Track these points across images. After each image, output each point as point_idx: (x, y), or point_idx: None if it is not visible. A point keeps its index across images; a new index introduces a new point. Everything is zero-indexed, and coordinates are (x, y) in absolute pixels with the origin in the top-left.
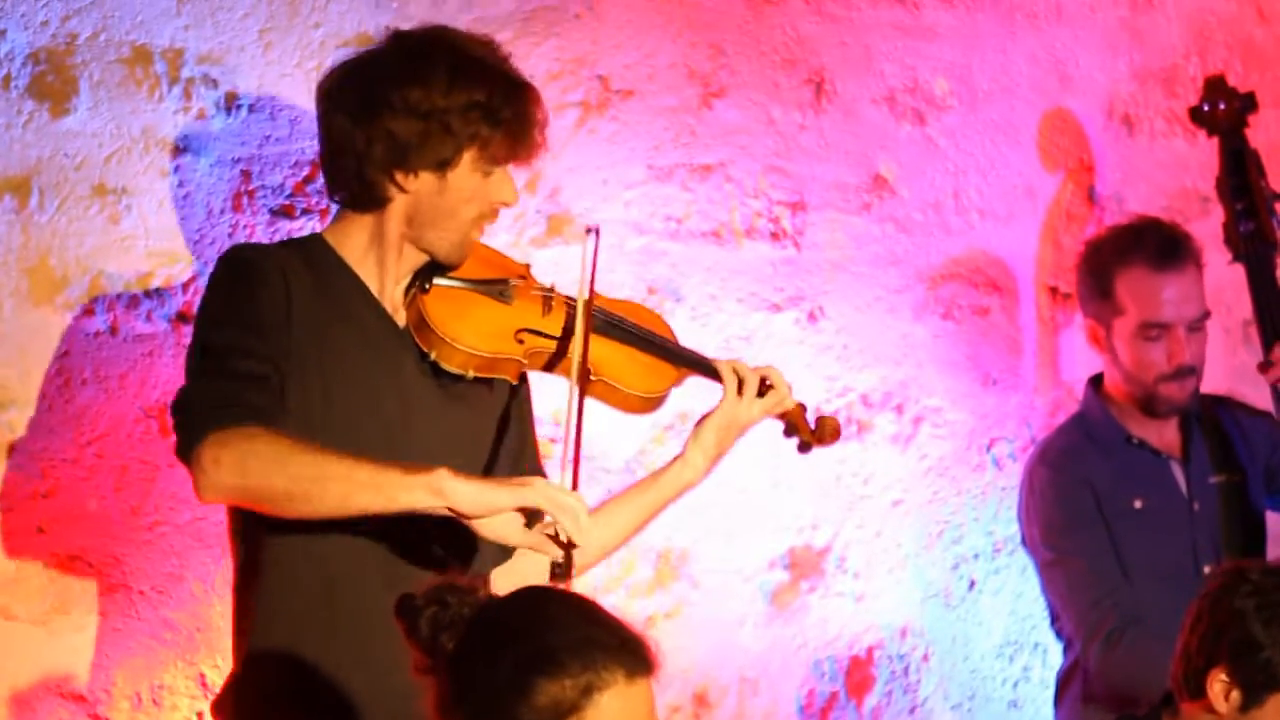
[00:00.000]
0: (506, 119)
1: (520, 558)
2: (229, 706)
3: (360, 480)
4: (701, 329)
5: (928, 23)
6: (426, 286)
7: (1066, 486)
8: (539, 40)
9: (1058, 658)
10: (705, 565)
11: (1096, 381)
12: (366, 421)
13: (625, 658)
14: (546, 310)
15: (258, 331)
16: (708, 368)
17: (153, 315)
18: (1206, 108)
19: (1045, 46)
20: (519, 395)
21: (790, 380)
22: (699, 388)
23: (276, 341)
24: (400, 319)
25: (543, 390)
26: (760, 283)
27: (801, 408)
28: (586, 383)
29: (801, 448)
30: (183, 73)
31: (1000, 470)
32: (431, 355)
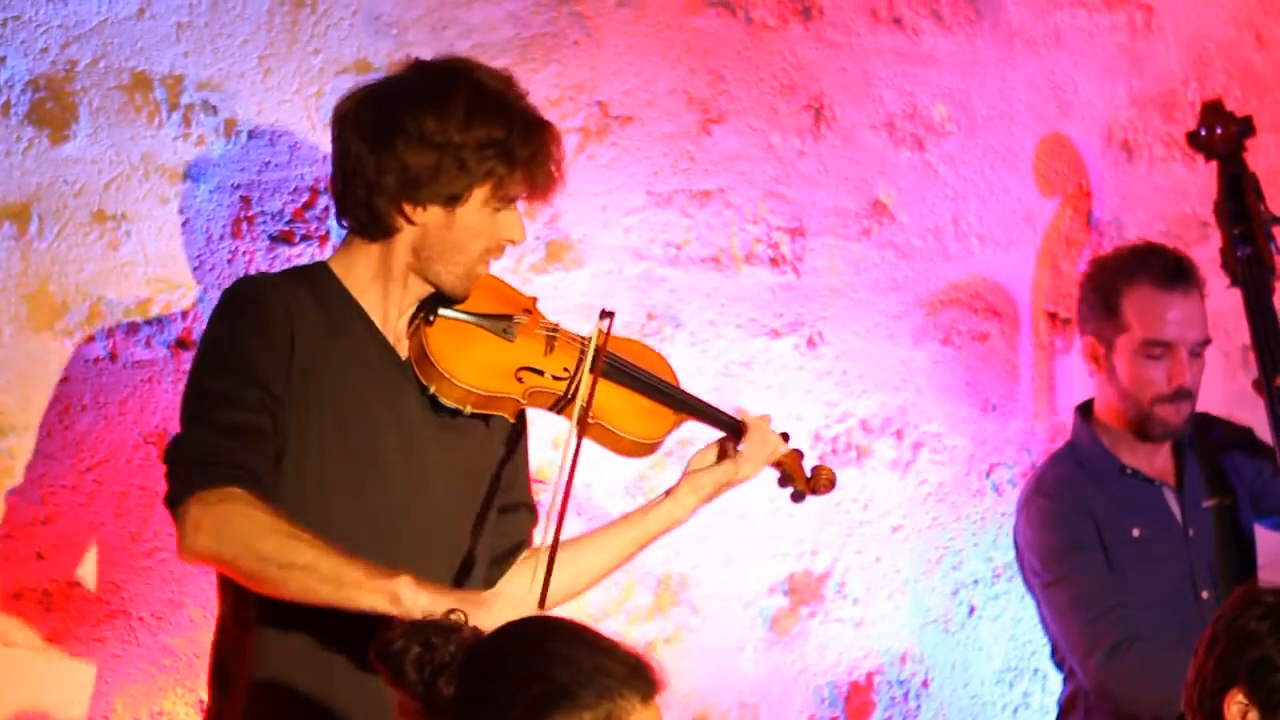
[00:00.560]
0: (522, 158)
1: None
2: None
3: (322, 575)
4: (701, 355)
5: (927, 49)
6: (430, 318)
7: (1066, 514)
8: (538, 67)
9: (1058, 684)
10: (705, 591)
11: (1085, 409)
12: (365, 454)
13: (638, 683)
14: (549, 349)
15: (253, 378)
16: (709, 414)
17: (152, 341)
18: (1204, 132)
19: (1044, 72)
20: (517, 430)
21: (790, 407)
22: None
23: (273, 386)
24: (403, 350)
25: (543, 417)
26: (760, 308)
27: (798, 456)
28: (586, 427)
29: (795, 497)
30: (182, 99)
31: (1000, 496)
32: (430, 389)
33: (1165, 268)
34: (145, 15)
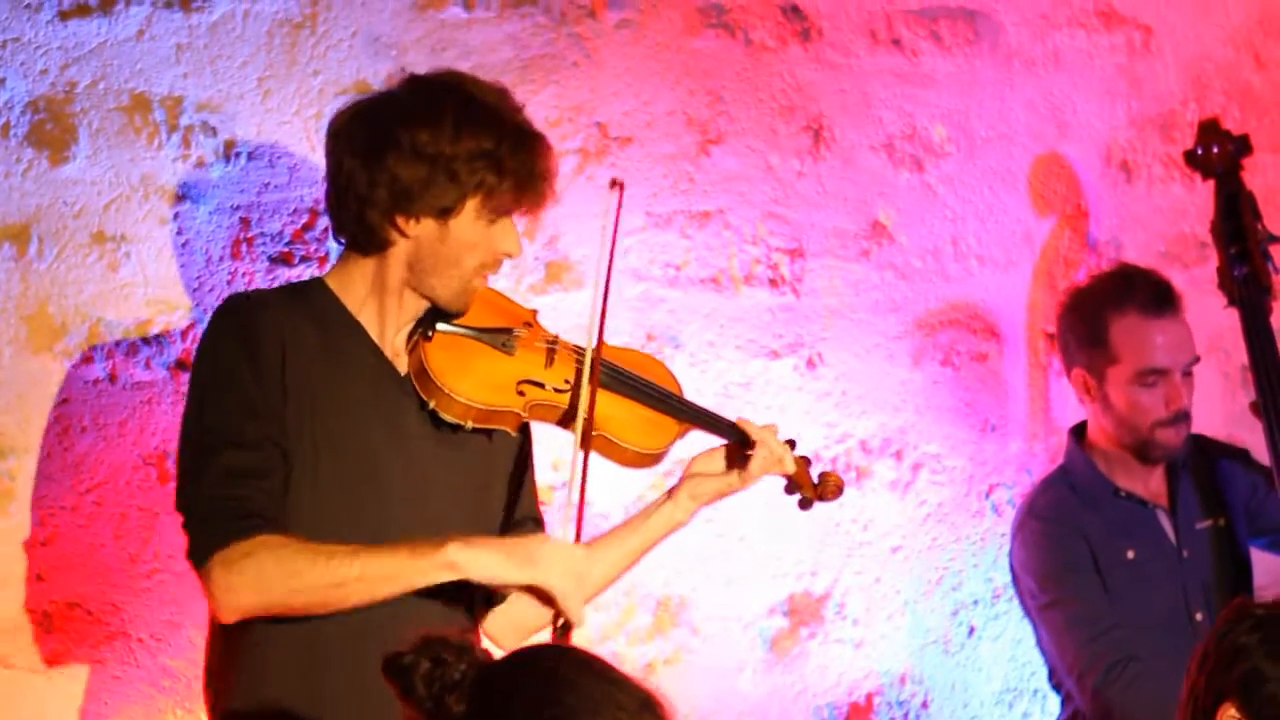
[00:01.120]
0: (513, 169)
1: (512, 603)
2: None
3: (376, 577)
4: (700, 376)
5: (926, 70)
6: (429, 333)
7: (1060, 536)
8: (537, 88)
9: (1057, 706)
10: (704, 612)
11: (1079, 432)
12: (363, 471)
13: (649, 714)
14: (550, 362)
15: (251, 409)
16: (714, 423)
17: (152, 363)
18: (1201, 151)
19: (1043, 93)
20: (520, 444)
21: (789, 427)
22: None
23: (272, 412)
24: (401, 365)
25: (542, 436)
26: (759, 329)
27: (805, 463)
28: (590, 438)
29: (803, 504)
30: (182, 121)
31: (999, 516)
32: (430, 404)
33: (1150, 295)
34: (145, 37)
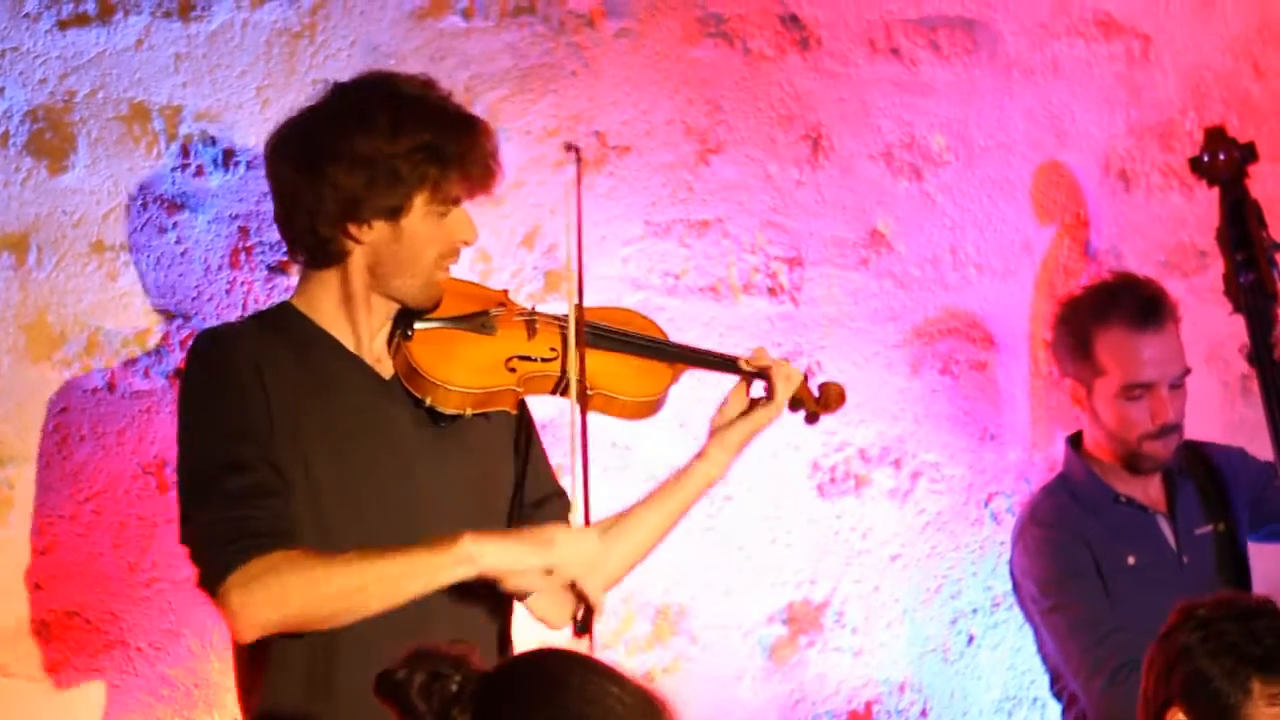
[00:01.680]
0: (454, 157)
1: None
2: None
3: (397, 575)
4: (699, 384)
5: (924, 79)
6: (409, 333)
7: (1063, 543)
8: (536, 97)
9: (1057, 714)
10: (704, 620)
11: (1076, 440)
12: (365, 484)
13: (651, 715)
14: (532, 334)
15: (244, 433)
16: (709, 359)
17: (150, 372)
18: (1206, 158)
19: (1042, 102)
20: (520, 422)
21: (788, 435)
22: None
23: (264, 438)
24: (384, 370)
25: (538, 406)
26: (758, 338)
27: (805, 378)
28: (586, 401)
29: (809, 419)
30: (180, 130)
31: (998, 525)
32: (427, 401)
33: (1137, 307)
34: (143, 46)
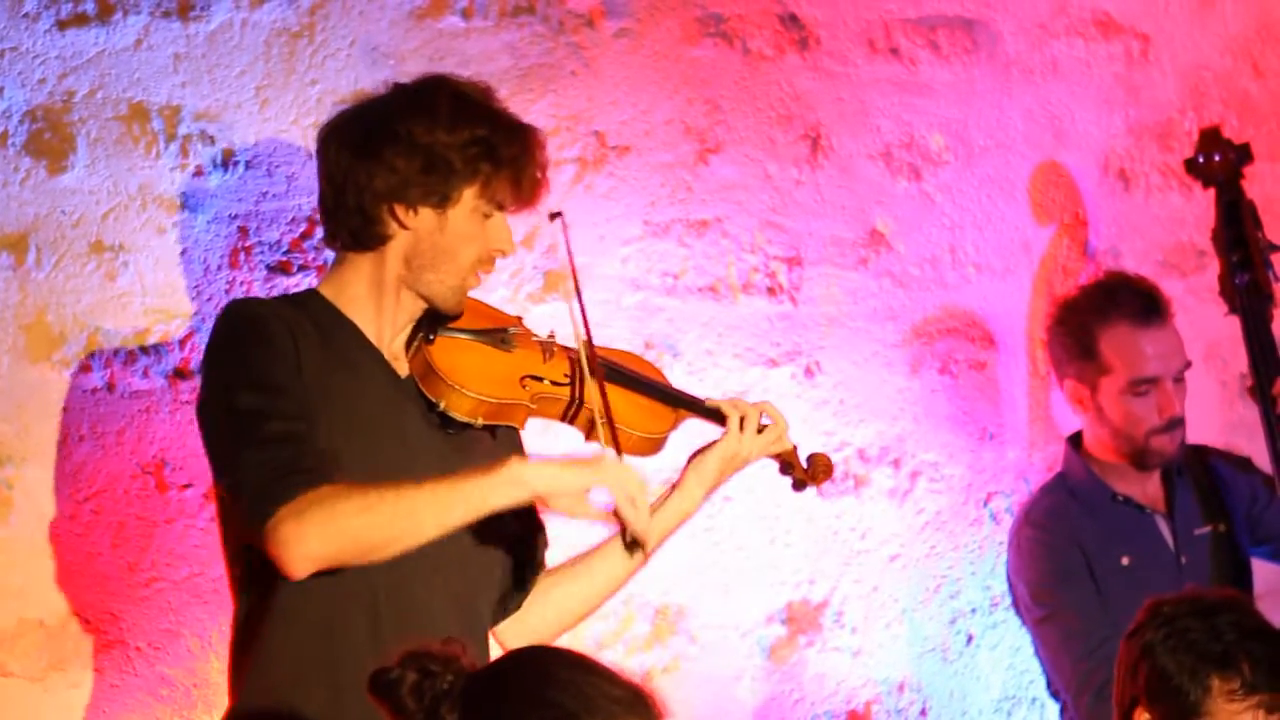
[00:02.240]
0: (508, 158)
1: (529, 611)
2: None
3: (448, 499)
4: (698, 384)
5: (924, 79)
6: (431, 337)
7: (1055, 545)
8: (535, 97)
9: (1055, 714)
10: (703, 620)
11: (1075, 440)
12: (374, 472)
13: (641, 710)
14: (547, 357)
15: (280, 390)
16: (704, 409)
17: (150, 372)
18: (1202, 159)
19: (1040, 102)
20: (519, 445)
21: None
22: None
23: (298, 395)
24: (400, 368)
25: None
26: (757, 338)
27: (795, 447)
28: (608, 425)
29: (796, 486)
30: (180, 130)
31: (997, 525)
32: (440, 404)
33: (1139, 303)
34: (142, 46)
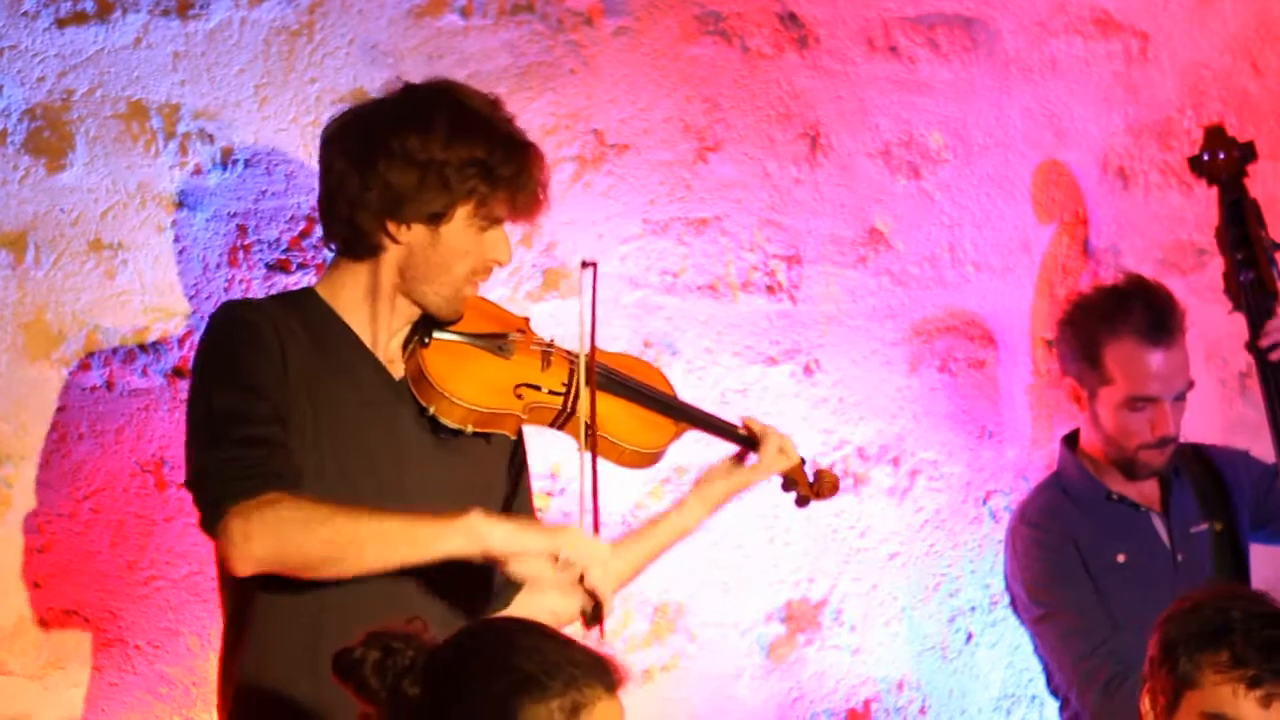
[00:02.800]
0: (504, 178)
1: (516, 604)
2: None
3: (396, 536)
4: (698, 382)
5: (923, 77)
6: (426, 340)
7: (1051, 544)
8: (534, 95)
9: (1054, 711)
10: (702, 618)
11: (1071, 439)
12: (361, 476)
13: (602, 674)
14: (546, 365)
15: (259, 393)
16: (710, 423)
17: (149, 370)
18: (1206, 157)
19: (1040, 100)
20: (515, 449)
21: (787, 433)
22: (695, 444)
23: (277, 401)
24: (395, 371)
25: (537, 442)
26: (756, 336)
27: (801, 462)
28: (596, 437)
29: (800, 502)
30: (179, 128)
31: (996, 523)
32: (430, 410)
33: (1149, 320)
34: (142, 45)
